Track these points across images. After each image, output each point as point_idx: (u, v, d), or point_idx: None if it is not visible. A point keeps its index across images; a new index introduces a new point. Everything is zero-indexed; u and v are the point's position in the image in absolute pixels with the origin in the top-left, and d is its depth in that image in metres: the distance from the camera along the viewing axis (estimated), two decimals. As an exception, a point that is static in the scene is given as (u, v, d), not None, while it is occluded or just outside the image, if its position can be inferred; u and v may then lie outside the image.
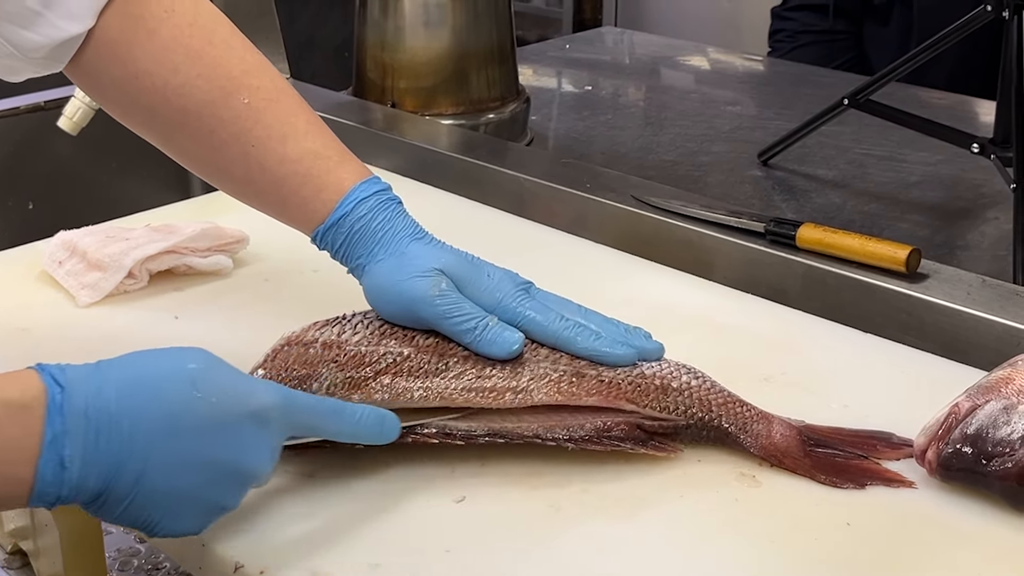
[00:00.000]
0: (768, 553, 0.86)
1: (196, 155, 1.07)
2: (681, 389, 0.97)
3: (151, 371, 0.81)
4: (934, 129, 1.55)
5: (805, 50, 2.36)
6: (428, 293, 0.98)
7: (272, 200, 1.06)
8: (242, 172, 1.05)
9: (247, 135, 1.03)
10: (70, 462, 0.76)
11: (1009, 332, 1.11)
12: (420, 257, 1.01)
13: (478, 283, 1.01)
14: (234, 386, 0.83)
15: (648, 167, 1.66)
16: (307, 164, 1.04)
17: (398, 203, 1.06)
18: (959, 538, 0.87)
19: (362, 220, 1.03)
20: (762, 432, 0.95)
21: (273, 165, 1.04)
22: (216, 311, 1.19)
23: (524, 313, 1.00)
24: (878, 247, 1.20)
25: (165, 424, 0.79)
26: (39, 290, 1.23)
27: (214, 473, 0.81)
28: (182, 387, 0.80)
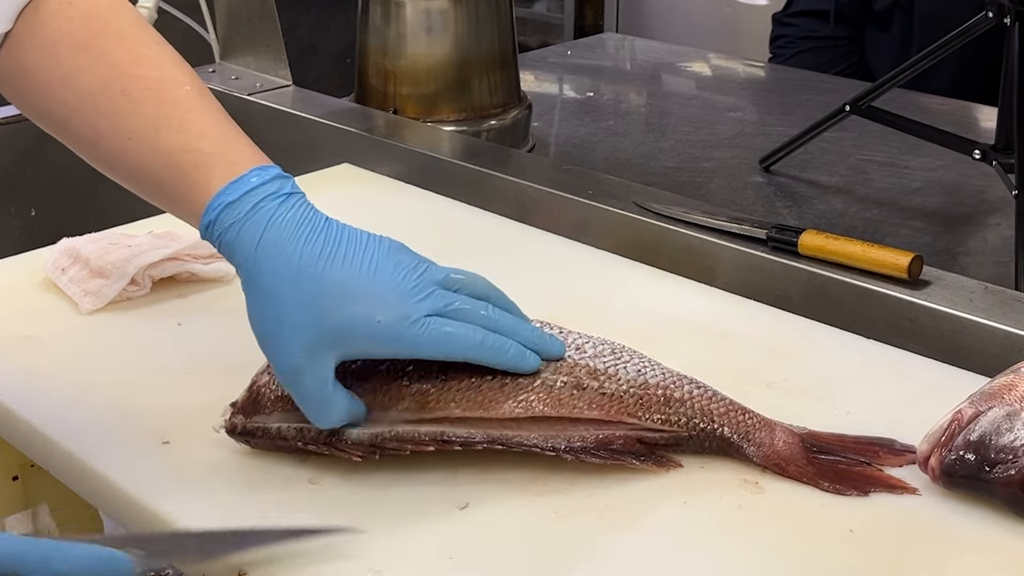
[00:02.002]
0: (771, 560, 0.86)
1: (86, 151, 1.00)
2: (683, 399, 0.96)
3: None
4: (935, 135, 1.55)
5: (806, 56, 2.36)
6: None
7: (159, 196, 0.98)
8: (126, 168, 0.98)
9: (123, 128, 0.96)
10: None
11: (1011, 338, 1.11)
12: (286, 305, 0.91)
13: (363, 333, 0.92)
14: None
15: (650, 173, 1.67)
16: (179, 158, 0.95)
17: (279, 203, 0.94)
18: (962, 545, 0.87)
19: (229, 231, 0.93)
20: (765, 440, 0.95)
21: (148, 158, 0.96)
22: (218, 318, 1.19)
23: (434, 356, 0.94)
24: (880, 254, 1.20)
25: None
26: (42, 297, 1.23)
27: None
28: None
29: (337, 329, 0.91)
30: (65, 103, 0.97)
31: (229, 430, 0.98)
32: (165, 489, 0.94)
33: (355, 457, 0.93)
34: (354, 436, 0.94)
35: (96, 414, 1.03)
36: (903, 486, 0.92)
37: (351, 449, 0.94)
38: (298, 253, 0.92)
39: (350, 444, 0.94)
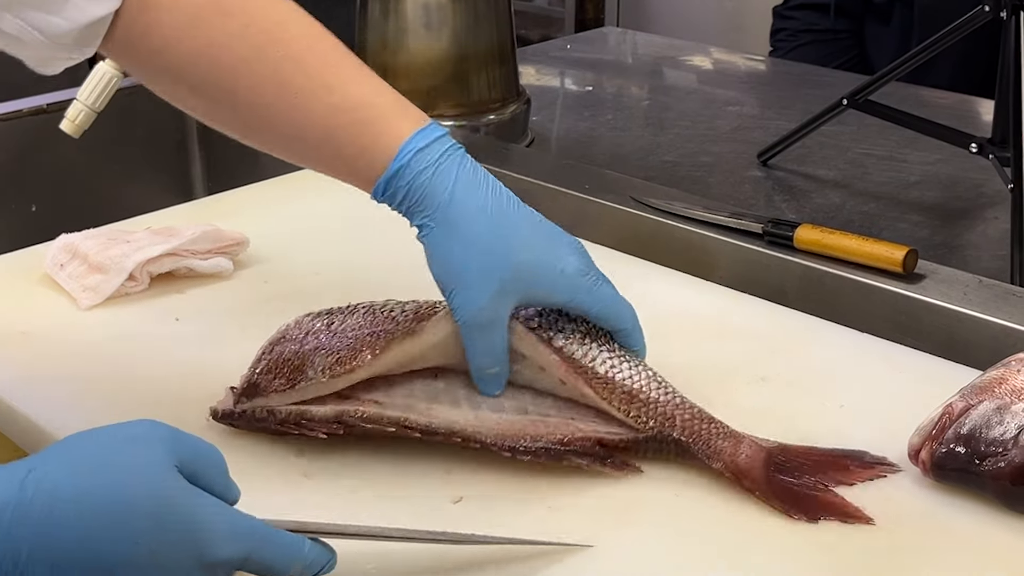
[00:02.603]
0: (762, 553, 0.87)
1: (239, 119, 1.02)
2: (647, 401, 0.96)
3: (91, 506, 0.70)
4: (933, 129, 1.55)
5: (806, 49, 2.36)
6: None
7: (326, 154, 1.00)
8: (290, 128, 1.00)
9: (289, 87, 0.98)
10: None
11: (1005, 332, 1.11)
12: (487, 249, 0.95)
13: (548, 283, 0.97)
14: (188, 533, 0.72)
15: (649, 167, 1.67)
16: (360, 113, 0.98)
17: (462, 154, 0.98)
18: (952, 538, 0.88)
19: (423, 175, 0.96)
20: (726, 450, 0.94)
21: (323, 116, 0.98)
22: (216, 313, 1.20)
23: (590, 312, 0.99)
24: (875, 248, 1.20)
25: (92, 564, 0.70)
26: (41, 293, 1.23)
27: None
28: (122, 535, 0.70)
29: (523, 276, 0.95)
30: (219, 70, 0.99)
31: (213, 416, 1.00)
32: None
33: (320, 434, 0.95)
34: (320, 414, 0.96)
35: (94, 409, 1.03)
36: (857, 516, 0.90)
37: (317, 426, 0.95)
38: (488, 201, 0.96)
39: (317, 421, 0.95)
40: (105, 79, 1.53)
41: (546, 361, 0.97)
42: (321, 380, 0.96)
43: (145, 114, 1.81)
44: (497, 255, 0.95)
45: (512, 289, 0.95)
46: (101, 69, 1.54)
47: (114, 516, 0.70)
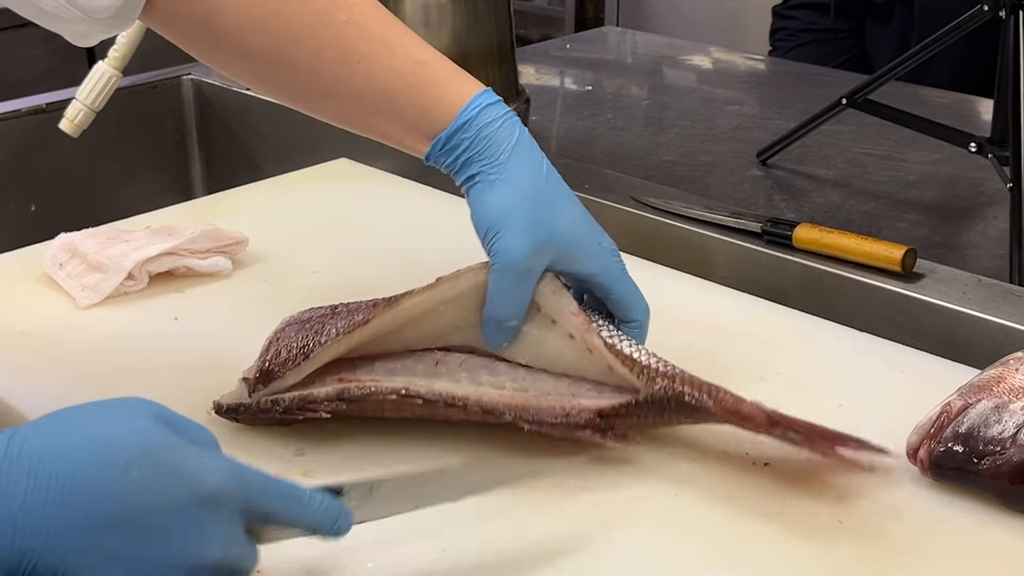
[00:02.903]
0: (760, 551, 0.87)
1: (296, 83, 1.04)
2: (647, 365, 0.96)
3: (78, 444, 0.70)
4: (932, 128, 1.55)
5: (806, 48, 2.36)
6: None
7: (385, 115, 1.03)
8: (350, 90, 1.03)
9: (352, 51, 1.01)
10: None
11: (1004, 331, 1.11)
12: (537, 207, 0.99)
13: (586, 249, 1.01)
14: (178, 464, 0.72)
15: (649, 167, 1.67)
16: (421, 74, 1.01)
17: (519, 120, 1.02)
18: (950, 537, 0.88)
19: (490, 126, 1.00)
20: (727, 399, 0.93)
21: (384, 79, 1.01)
22: (215, 312, 1.20)
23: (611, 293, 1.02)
24: (874, 247, 1.20)
25: (89, 515, 0.69)
26: (40, 292, 1.23)
27: (150, 567, 0.70)
28: (115, 471, 0.70)
29: (565, 237, 0.99)
30: (281, 37, 1.01)
31: (217, 411, 1.00)
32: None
33: (324, 414, 0.96)
34: (321, 394, 0.97)
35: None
36: (853, 461, 0.89)
37: (320, 407, 0.96)
38: (542, 164, 1.01)
39: (319, 402, 0.96)
40: (104, 79, 1.53)
41: (561, 310, 0.98)
42: (336, 340, 0.97)
43: (144, 114, 1.81)
44: (546, 211, 0.99)
45: (552, 246, 0.98)
46: (100, 69, 1.54)
47: (101, 453, 0.70)
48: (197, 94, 1.85)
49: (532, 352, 0.99)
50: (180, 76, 1.85)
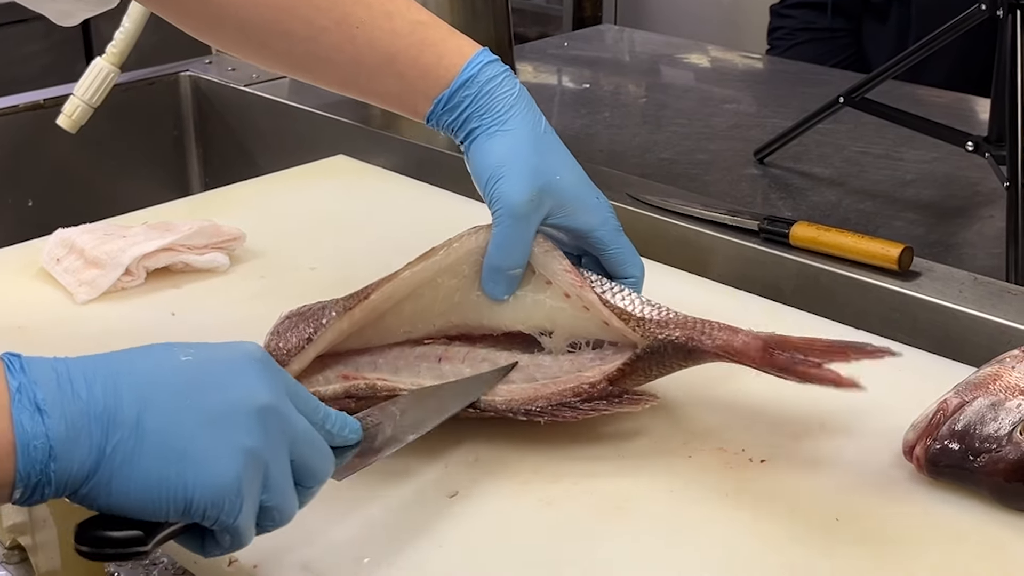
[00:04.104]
0: (756, 548, 0.87)
1: (295, 51, 1.06)
2: (641, 317, 0.98)
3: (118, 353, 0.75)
4: (929, 127, 1.55)
5: (804, 47, 2.36)
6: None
7: (385, 78, 1.04)
8: (349, 55, 1.04)
9: (350, 17, 1.03)
10: (45, 403, 0.69)
11: (1001, 330, 1.12)
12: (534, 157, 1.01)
13: (584, 202, 1.02)
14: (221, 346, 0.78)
15: (646, 165, 1.67)
16: (420, 35, 1.03)
17: (513, 74, 1.04)
18: (946, 534, 0.88)
19: (492, 82, 1.02)
20: (721, 336, 0.95)
21: (383, 42, 1.03)
22: (213, 308, 1.20)
23: (608, 248, 1.03)
24: (871, 245, 1.21)
25: (152, 370, 0.73)
26: (37, 287, 1.23)
27: (220, 409, 0.74)
28: (162, 348, 0.75)
29: (564, 187, 1.01)
30: (276, 7, 1.03)
31: None
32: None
33: None
34: (329, 392, 0.97)
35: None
36: (847, 383, 0.90)
37: (327, 404, 0.95)
38: (541, 118, 1.03)
39: (327, 400, 0.95)
40: (102, 75, 1.54)
41: (554, 269, 0.99)
42: (339, 318, 0.98)
43: (142, 110, 1.81)
44: (544, 160, 1.01)
45: (551, 193, 1.00)
46: (98, 65, 1.54)
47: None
48: (195, 91, 1.85)
49: (529, 315, 1.00)
50: (178, 73, 1.85)
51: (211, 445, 0.72)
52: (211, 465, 0.72)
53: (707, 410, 1.02)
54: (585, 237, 1.03)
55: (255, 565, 0.86)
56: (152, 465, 0.71)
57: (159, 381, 0.73)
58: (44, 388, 0.70)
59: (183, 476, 0.71)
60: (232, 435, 0.73)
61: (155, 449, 0.71)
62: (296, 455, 0.77)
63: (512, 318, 1.00)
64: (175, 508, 0.72)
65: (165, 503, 0.71)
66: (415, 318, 1.01)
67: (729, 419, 1.00)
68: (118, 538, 0.72)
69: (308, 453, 0.78)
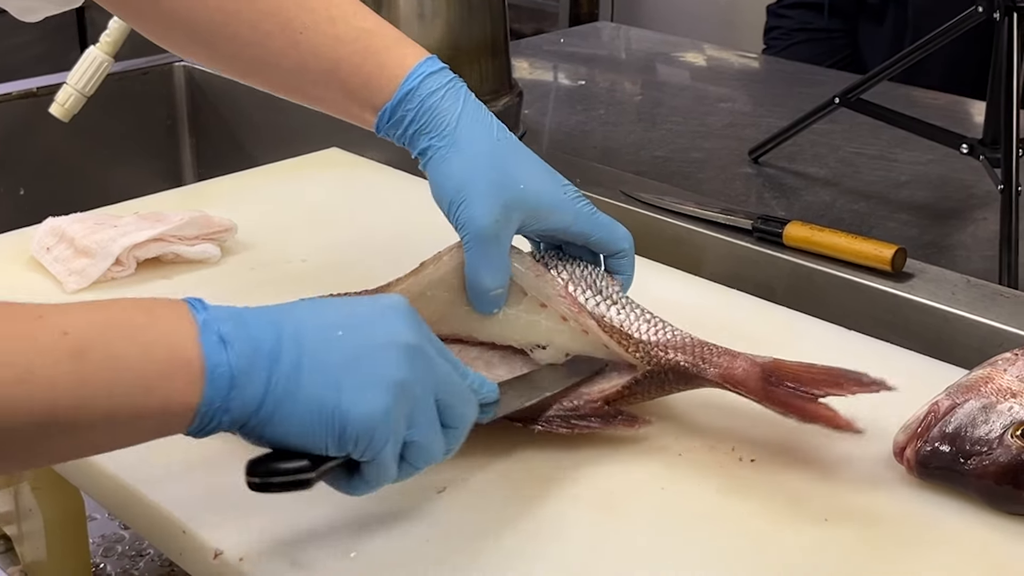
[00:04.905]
0: (746, 547, 0.87)
1: (242, 55, 1.04)
2: (640, 340, 0.97)
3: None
4: (924, 129, 1.55)
5: (800, 48, 2.36)
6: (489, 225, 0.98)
7: (330, 86, 1.03)
8: (294, 62, 1.02)
9: (293, 22, 1.01)
10: (227, 336, 0.76)
11: (993, 332, 1.11)
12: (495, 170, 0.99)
13: (553, 202, 1.01)
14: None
15: (641, 163, 1.66)
16: (364, 42, 1.01)
17: (465, 86, 1.02)
18: (936, 536, 0.88)
19: (433, 96, 0.99)
20: (722, 363, 0.95)
21: (327, 48, 1.01)
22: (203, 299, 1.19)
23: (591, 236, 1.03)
24: (864, 246, 1.20)
25: (307, 314, 0.80)
26: (26, 276, 1.23)
27: (370, 345, 0.79)
28: (315, 300, 0.85)
29: (529, 195, 0.99)
30: (223, 10, 1.01)
31: None
32: (147, 470, 0.94)
33: None
34: None
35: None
36: (846, 425, 0.90)
37: None
38: (492, 127, 1.00)
39: None
40: (96, 64, 1.53)
41: (549, 294, 0.98)
42: None
43: (135, 99, 1.81)
44: (504, 172, 0.98)
45: (517, 206, 0.98)
46: (92, 53, 1.54)
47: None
48: (188, 81, 1.84)
49: (524, 335, 0.99)
50: (171, 63, 1.84)
51: (362, 377, 0.78)
52: (362, 395, 0.77)
53: (698, 409, 1.01)
54: (564, 233, 1.02)
55: (241, 558, 0.85)
56: (310, 396, 0.76)
57: (313, 324, 0.79)
58: (225, 322, 0.77)
59: (337, 405, 0.77)
60: (382, 368, 0.78)
61: (312, 382, 0.77)
62: (441, 396, 0.82)
63: (505, 335, 1.00)
64: (331, 436, 0.77)
65: (322, 431, 0.77)
66: None
67: (720, 418, 1.00)
68: (286, 468, 0.78)
69: (453, 395, 0.83)
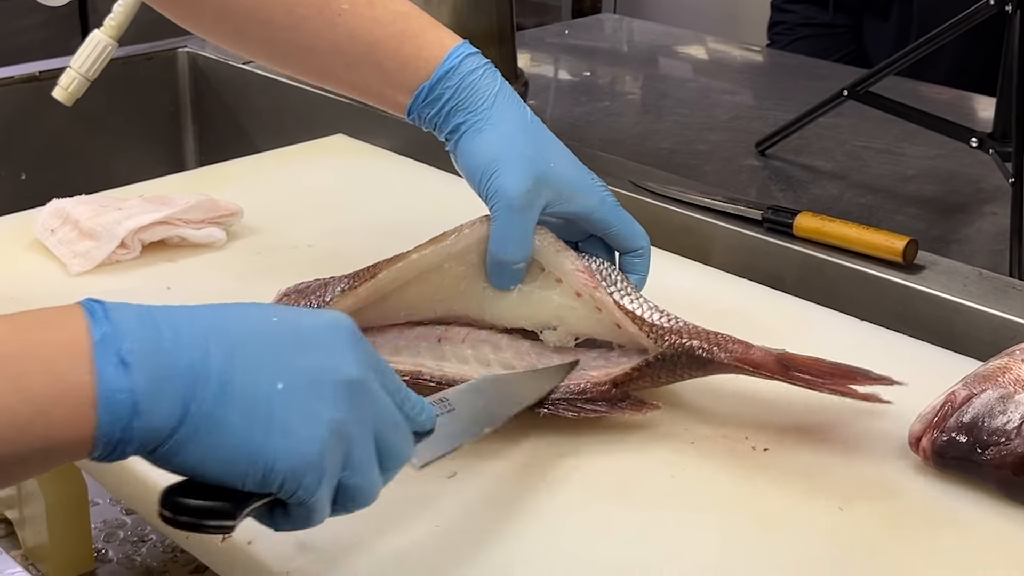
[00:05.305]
0: (759, 535, 0.86)
1: (274, 40, 1.05)
2: (656, 323, 0.96)
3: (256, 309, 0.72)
4: (933, 123, 1.54)
5: (804, 43, 2.35)
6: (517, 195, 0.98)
7: (365, 68, 1.03)
8: (330, 44, 1.03)
9: (330, 5, 1.02)
10: (130, 355, 0.65)
11: (1005, 325, 1.11)
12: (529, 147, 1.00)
13: (581, 185, 1.01)
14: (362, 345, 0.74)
15: (646, 154, 1.66)
16: (401, 25, 1.02)
17: (498, 70, 1.03)
18: (952, 526, 0.87)
19: (473, 75, 1.00)
20: (737, 350, 0.94)
21: (364, 31, 1.02)
22: (208, 283, 1.19)
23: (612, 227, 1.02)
24: (875, 237, 1.19)
25: (242, 327, 0.69)
26: (30, 258, 1.22)
27: (309, 376, 0.70)
28: (255, 307, 0.72)
29: (559, 174, 1.00)
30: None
31: None
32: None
33: None
34: None
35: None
36: (872, 398, 0.91)
37: None
38: (525, 110, 1.02)
39: None
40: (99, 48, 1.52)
41: (566, 268, 0.98)
42: (343, 295, 0.97)
43: (139, 85, 1.80)
44: (537, 150, 1.00)
45: (548, 183, 0.99)
46: (96, 37, 1.52)
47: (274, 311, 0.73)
48: (192, 67, 1.83)
49: (535, 312, 0.98)
50: (176, 48, 1.83)
51: (297, 413, 0.69)
52: (295, 432, 0.68)
53: (711, 397, 1.00)
54: (587, 219, 1.02)
55: (249, 541, 0.84)
56: (235, 426, 0.67)
57: (249, 340, 0.69)
58: (130, 338, 0.65)
59: (266, 441, 0.67)
60: (319, 405, 0.70)
61: (240, 410, 0.67)
62: (379, 434, 0.74)
63: (516, 313, 0.99)
64: (254, 475, 0.68)
65: (245, 468, 0.67)
66: (418, 302, 1.00)
67: (733, 406, 0.99)
68: (203, 508, 0.67)
69: (391, 433, 0.75)
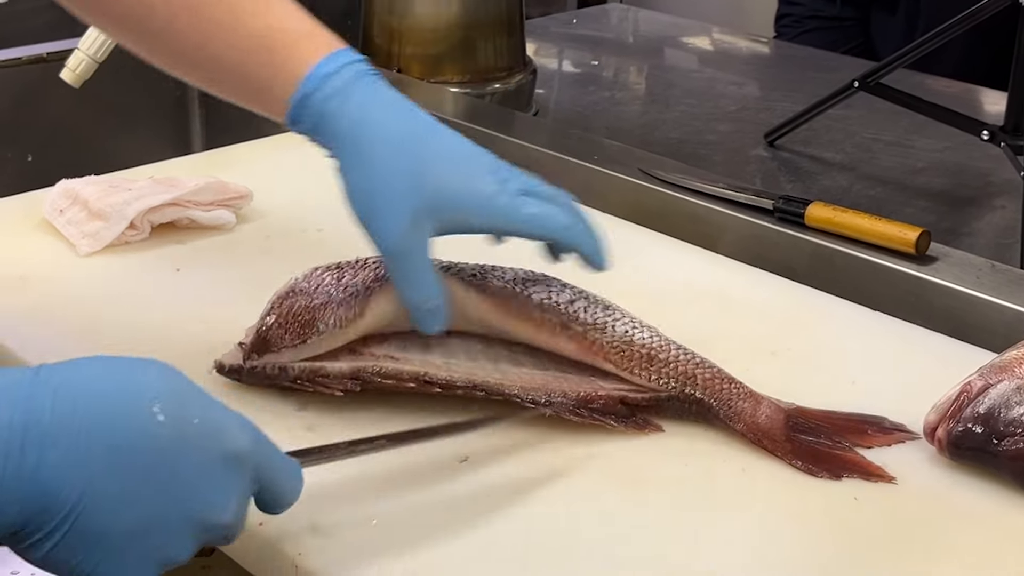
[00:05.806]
0: (774, 525, 0.85)
1: (164, 51, 0.99)
2: (667, 361, 0.95)
3: (104, 384, 0.68)
4: (944, 115, 1.53)
5: (811, 36, 2.34)
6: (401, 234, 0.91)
7: (238, 84, 0.97)
8: (206, 58, 0.96)
9: (207, 21, 0.95)
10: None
11: (1019, 317, 1.10)
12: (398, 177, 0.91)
13: (472, 200, 0.92)
14: (206, 416, 0.70)
15: (653, 144, 1.65)
16: (268, 40, 0.94)
17: (374, 79, 0.94)
18: (967, 517, 0.87)
19: (330, 102, 0.92)
20: (746, 411, 0.93)
21: (234, 45, 0.94)
22: (217, 265, 1.18)
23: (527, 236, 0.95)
24: (888, 228, 1.19)
25: (113, 449, 0.66)
26: (39, 238, 1.21)
27: (166, 516, 0.68)
28: (141, 408, 0.68)
29: (438, 200, 0.91)
30: (148, 4, 0.95)
31: (219, 370, 0.98)
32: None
33: (336, 392, 0.93)
34: (335, 370, 0.94)
35: (91, 356, 1.01)
36: (879, 473, 0.90)
37: (333, 384, 0.94)
38: (399, 124, 0.92)
39: (332, 378, 0.94)
40: (108, 29, 1.51)
41: (522, 338, 0.97)
42: (333, 332, 0.94)
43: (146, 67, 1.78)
44: (407, 179, 0.91)
45: (427, 214, 0.90)
46: (104, 19, 1.52)
47: (132, 392, 0.68)
48: (199, 50, 1.82)
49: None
50: (183, 32, 1.82)
51: (135, 556, 0.68)
52: (125, 572, 0.67)
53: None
54: (495, 235, 0.96)
55: (261, 523, 0.84)
56: (64, 555, 0.66)
57: (119, 465, 0.66)
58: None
59: (92, 572, 0.67)
60: (165, 550, 0.69)
61: (73, 542, 0.66)
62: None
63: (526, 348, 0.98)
64: None
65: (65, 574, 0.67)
66: None
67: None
68: None
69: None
